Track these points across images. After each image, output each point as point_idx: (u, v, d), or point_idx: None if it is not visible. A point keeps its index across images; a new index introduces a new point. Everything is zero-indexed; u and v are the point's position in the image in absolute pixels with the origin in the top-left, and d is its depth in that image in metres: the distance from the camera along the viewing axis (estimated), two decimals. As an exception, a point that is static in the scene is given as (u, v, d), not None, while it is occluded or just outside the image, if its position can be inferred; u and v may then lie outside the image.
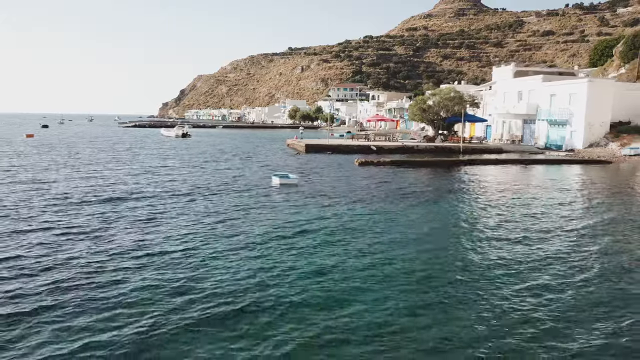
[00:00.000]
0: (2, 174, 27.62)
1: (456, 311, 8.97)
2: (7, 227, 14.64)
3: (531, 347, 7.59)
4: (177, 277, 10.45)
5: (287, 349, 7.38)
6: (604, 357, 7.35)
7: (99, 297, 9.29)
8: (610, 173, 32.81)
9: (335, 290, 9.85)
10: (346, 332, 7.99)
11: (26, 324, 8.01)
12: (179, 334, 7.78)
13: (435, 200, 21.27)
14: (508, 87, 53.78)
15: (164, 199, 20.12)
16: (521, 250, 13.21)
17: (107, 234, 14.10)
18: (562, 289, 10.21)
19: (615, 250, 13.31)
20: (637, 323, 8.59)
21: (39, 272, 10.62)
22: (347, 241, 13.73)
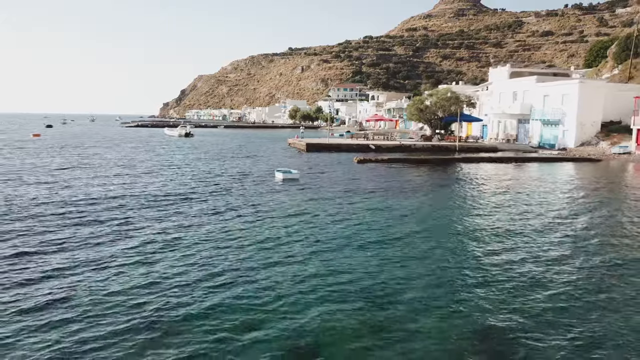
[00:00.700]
0: (30, 173, 29.13)
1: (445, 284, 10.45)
2: (30, 225, 16.13)
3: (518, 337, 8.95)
4: (204, 260, 11.94)
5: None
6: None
7: (138, 283, 10.78)
8: (599, 170, 34.25)
9: (335, 267, 11.32)
10: (343, 294, 9.46)
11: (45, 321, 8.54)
12: (199, 318, 9.25)
13: (428, 193, 22.75)
14: (503, 88, 55.26)
15: (183, 194, 21.62)
16: (505, 231, 14.69)
17: (134, 223, 15.59)
18: (544, 265, 11.69)
19: (597, 239, 14.79)
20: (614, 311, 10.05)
21: (86, 264, 12.10)
22: (344, 227, 15.21)
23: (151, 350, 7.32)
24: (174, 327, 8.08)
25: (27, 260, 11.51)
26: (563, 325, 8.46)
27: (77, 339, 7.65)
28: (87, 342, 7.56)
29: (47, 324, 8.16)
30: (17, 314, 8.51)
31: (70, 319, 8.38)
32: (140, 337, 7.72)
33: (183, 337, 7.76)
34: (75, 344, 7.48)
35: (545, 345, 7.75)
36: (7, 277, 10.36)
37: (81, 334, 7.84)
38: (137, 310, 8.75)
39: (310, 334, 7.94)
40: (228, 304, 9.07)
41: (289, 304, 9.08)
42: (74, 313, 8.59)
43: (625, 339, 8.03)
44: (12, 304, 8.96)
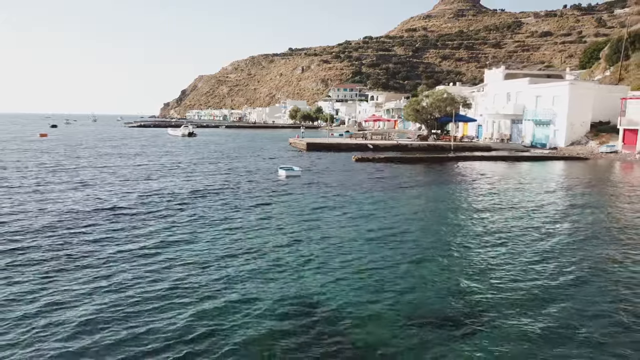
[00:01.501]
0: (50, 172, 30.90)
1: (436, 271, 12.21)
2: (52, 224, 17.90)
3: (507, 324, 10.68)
4: (225, 243, 13.72)
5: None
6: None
7: (159, 276, 12.55)
8: (586, 168, 35.99)
9: (335, 250, 13.09)
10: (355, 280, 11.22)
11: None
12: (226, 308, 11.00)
13: (422, 188, 24.51)
14: (498, 89, 57.02)
15: (198, 190, 23.40)
16: (490, 219, 16.46)
17: (156, 216, 17.37)
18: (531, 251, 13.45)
19: (578, 228, 16.55)
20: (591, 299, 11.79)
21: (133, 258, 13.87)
22: (343, 217, 16.98)
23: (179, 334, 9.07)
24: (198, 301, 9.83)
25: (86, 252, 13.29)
26: (552, 315, 9.10)
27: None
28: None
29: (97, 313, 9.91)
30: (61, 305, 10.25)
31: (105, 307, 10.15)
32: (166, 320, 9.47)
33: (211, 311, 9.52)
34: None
35: (534, 332, 8.48)
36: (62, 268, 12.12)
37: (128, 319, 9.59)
38: (174, 290, 10.52)
39: (319, 301, 9.68)
40: (254, 277, 10.82)
41: (297, 276, 10.84)
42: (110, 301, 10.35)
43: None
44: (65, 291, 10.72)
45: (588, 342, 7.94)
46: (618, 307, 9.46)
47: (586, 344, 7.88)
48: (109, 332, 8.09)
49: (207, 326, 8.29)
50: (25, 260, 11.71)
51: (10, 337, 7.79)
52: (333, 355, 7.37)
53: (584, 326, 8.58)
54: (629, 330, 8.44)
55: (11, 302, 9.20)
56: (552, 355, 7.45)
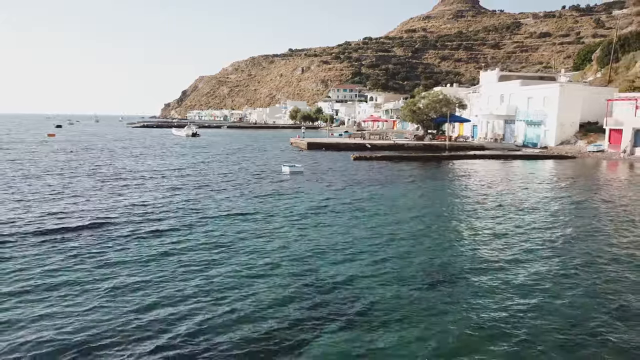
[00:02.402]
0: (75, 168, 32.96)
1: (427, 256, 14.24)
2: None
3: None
4: (239, 229, 15.77)
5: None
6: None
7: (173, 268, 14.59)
8: (571, 166, 38.01)
9: (336, 236, 15.13)
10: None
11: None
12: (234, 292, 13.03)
13: (416, 184, 26.56)
14: (492, 90, 59.08)
15: (211, 185, 25.44)
16: (482, 212, 18.50)
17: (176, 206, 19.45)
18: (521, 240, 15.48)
19: (564, 222, 18.60)
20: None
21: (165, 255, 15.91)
22: (343, 208, 19.03)
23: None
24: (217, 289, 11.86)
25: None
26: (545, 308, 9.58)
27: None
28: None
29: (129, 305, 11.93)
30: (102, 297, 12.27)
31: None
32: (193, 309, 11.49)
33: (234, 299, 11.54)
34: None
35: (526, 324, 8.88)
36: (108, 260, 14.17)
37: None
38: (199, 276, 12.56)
39: (330, 284, 11.70)
40: (272, 260, 12.87)
41: (305, 254, 12.88)
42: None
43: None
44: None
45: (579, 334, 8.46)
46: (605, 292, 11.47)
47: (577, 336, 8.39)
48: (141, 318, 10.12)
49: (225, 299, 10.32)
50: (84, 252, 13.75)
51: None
52: (334, 314, 9.39)
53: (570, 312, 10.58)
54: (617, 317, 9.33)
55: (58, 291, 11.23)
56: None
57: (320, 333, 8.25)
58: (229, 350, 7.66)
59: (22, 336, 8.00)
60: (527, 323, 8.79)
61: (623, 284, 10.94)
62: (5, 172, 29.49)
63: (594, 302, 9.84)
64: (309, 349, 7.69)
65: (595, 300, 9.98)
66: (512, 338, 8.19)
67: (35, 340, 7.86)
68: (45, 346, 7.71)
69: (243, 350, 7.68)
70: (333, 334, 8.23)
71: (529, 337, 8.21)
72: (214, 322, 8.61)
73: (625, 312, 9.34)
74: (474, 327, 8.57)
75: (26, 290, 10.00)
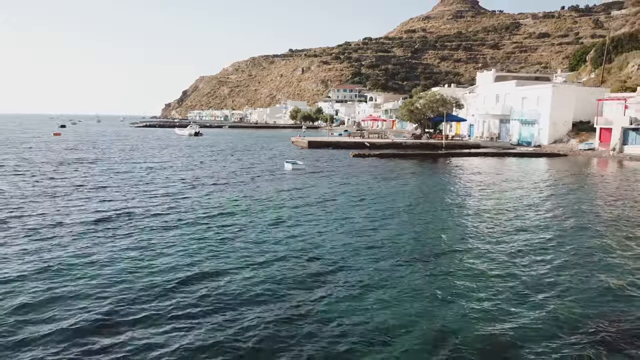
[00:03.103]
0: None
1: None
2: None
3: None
4: (250, 219, 17.32)
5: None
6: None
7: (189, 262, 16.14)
8: (562, 163, 39.53)
9: (337, 224, 16.67)
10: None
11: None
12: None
13: (412, 179, 28.10)
14: (488, 91, 60.64)
15: (219, 181, 27.00)
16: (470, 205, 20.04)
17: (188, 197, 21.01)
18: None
19: (557, 214, 20.14)
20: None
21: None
22: (343, 199, 20.57)
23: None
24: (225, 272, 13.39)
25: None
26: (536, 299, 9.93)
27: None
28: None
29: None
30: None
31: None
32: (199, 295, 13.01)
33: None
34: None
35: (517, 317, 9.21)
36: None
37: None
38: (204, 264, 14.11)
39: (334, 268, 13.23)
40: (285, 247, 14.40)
41: (310, 238, 14.42)
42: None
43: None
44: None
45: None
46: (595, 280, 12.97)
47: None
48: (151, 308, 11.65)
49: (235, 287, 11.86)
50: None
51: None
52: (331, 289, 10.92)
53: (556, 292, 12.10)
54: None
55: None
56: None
57: (321, 298, 9.77)
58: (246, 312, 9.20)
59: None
60: (506, 299, 10.33)
61: (602, 264, 12.48)
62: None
63: (577, 280, 11.37)
64: (310, 308, 9.22)
65: (578, 277, 11.52)
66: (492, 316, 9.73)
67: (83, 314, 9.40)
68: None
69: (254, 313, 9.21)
70: (330, 297, 9.76)
71: (508, 317, 9.76)
72: (232, 286, 10.15)
73: (607, 292, 10.84)
74: (450, 294, 10.12)
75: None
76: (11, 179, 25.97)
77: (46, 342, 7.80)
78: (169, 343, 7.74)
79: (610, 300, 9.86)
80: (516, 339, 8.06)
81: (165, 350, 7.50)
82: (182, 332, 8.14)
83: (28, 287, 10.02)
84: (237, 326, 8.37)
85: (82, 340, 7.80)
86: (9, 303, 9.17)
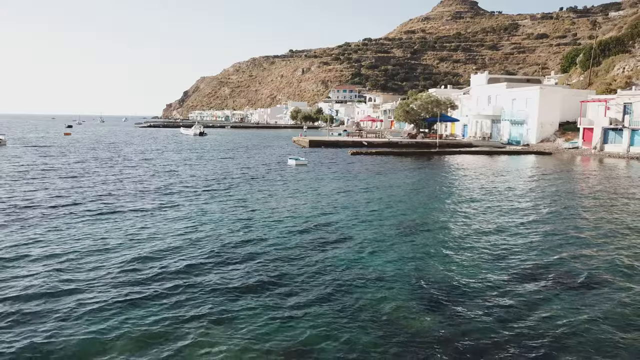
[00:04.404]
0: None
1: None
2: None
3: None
4: (258, 210, 20.27)
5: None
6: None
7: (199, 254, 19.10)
8: (547, 160, 42.43)
9: (338, 215, 19.60)
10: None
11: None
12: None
13: (406, 175, 31.04)
14: (480, 92, 63.57)
15: (230, 177, 29.94)
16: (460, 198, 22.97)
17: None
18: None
19: (537, 203, 23.07)
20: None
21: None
22: (343, 193, 23.51)
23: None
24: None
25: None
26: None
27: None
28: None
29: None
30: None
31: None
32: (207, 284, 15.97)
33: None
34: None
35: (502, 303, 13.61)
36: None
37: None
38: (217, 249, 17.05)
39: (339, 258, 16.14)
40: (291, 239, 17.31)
41: (314, 227, 17.34)
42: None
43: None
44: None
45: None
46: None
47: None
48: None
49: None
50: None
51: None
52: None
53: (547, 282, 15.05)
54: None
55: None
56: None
57: (325, 258, 12.72)
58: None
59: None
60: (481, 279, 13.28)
61: (579, 249, 15.41)
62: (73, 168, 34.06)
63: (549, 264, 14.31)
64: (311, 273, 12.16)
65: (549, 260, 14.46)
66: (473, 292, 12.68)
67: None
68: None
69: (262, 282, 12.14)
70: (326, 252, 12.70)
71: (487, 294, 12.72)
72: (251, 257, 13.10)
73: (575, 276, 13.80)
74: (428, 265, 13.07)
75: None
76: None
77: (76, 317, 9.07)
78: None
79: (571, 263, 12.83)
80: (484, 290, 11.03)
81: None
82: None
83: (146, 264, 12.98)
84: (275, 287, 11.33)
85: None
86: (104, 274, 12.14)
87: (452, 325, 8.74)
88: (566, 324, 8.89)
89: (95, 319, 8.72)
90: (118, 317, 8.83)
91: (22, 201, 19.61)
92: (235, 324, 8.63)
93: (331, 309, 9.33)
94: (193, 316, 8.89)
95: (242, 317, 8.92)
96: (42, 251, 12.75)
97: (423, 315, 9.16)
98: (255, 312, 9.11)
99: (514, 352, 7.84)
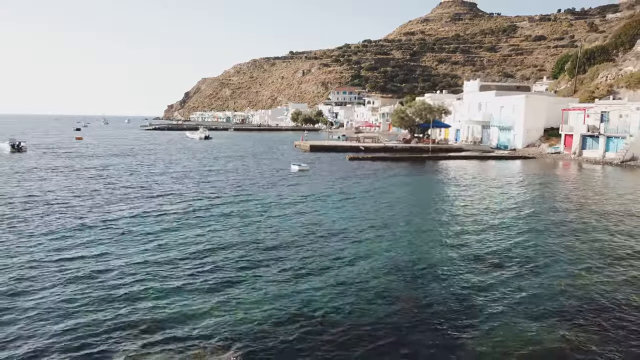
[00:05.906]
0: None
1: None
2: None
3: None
4: (261, 213, 23.96)
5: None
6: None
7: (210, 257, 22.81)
8: (530, 164, 46.10)
9: (338, 215, 23.25)
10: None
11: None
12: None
13: (402, 177, 34.70)
14: (472, 99, 67.25)
15: (235, 181, 33.62)
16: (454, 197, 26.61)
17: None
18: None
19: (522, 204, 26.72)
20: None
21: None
22: (343, 195, 27.17)
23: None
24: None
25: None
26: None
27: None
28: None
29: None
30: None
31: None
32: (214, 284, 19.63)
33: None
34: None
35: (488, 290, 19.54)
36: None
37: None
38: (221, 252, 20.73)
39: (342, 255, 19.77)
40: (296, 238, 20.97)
41: (315, 227, 20.97)
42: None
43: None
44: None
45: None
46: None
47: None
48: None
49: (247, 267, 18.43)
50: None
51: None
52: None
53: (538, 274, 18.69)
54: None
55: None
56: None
57: (327, 253, 16.36)
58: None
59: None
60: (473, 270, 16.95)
61: (565, 245, 19.07)
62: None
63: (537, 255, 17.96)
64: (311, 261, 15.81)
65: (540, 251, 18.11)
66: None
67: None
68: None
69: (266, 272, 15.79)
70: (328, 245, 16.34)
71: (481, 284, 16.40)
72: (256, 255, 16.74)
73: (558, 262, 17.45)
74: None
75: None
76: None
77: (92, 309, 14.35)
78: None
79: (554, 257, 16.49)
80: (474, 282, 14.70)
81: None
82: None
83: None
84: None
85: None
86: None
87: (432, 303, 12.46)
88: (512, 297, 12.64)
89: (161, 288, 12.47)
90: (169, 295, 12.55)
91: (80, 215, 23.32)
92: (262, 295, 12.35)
93: (332, 287, 13.03)
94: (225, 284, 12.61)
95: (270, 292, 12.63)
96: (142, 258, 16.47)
97: (409, 291, 12.86)
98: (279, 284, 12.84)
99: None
